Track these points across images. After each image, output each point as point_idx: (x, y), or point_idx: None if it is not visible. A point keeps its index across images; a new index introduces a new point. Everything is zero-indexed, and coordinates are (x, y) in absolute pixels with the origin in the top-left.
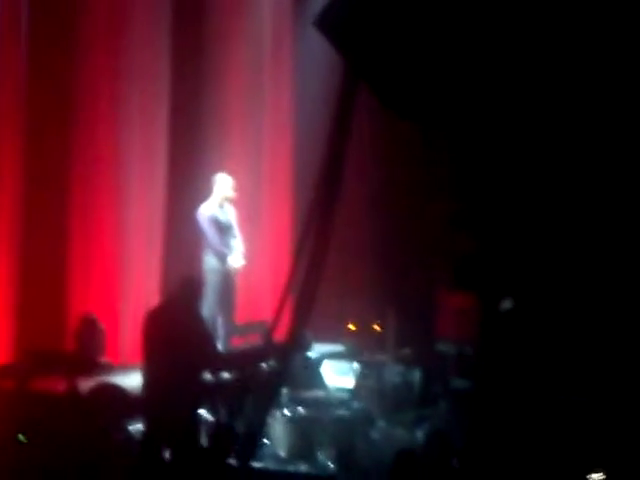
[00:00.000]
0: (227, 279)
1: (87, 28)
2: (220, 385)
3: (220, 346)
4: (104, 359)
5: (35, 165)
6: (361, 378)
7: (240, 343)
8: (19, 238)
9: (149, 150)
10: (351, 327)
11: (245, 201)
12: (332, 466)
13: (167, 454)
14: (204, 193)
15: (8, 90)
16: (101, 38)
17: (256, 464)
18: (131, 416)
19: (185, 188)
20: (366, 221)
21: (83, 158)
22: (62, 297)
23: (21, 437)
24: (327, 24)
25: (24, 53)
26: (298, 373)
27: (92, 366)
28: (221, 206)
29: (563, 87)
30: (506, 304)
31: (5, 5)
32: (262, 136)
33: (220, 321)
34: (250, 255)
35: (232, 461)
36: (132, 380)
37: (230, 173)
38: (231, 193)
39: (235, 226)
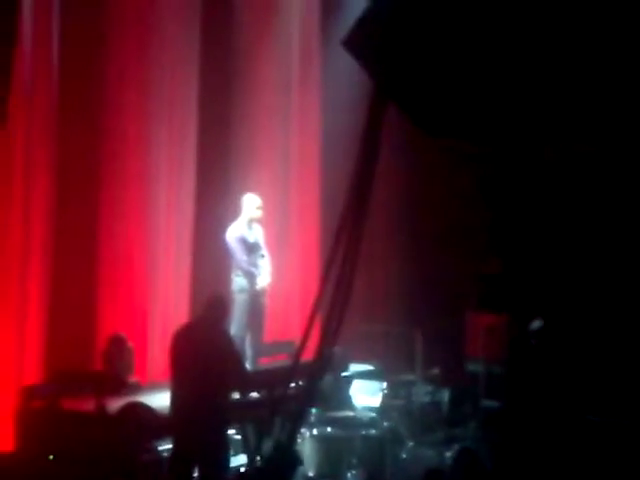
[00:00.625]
0: (255, 299)
1: (116, 37)
2: (249, 405)
3: (248, 366)
4: (133, 378)
5: (65, 187)
6: (390, 398)
7: (268, 362)
8: (49, 258)
9: (178, 170)
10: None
11: (273, 220)
12: None
13: (195, 474)
14: (232, 213)
15: (40, 102)
16: (130, 49)
17: None
18: (159, 435)
19: (213, 208)
20: (394, 241)
21: (112, 177)
22: (91, 317)
23: (51, 457)
24: (355, 43)
25: (55, 57)
26: (327, 393)
27: (121, 385)
28: (249, 226)
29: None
30: (536, 324)
31: (37, 8)
32: (290, 156)
33: (248, 341)
34: (278, 274)
35: None
36: (160, 399)
37: (258, 193)
38: (259, 213)
39: (263, 246)
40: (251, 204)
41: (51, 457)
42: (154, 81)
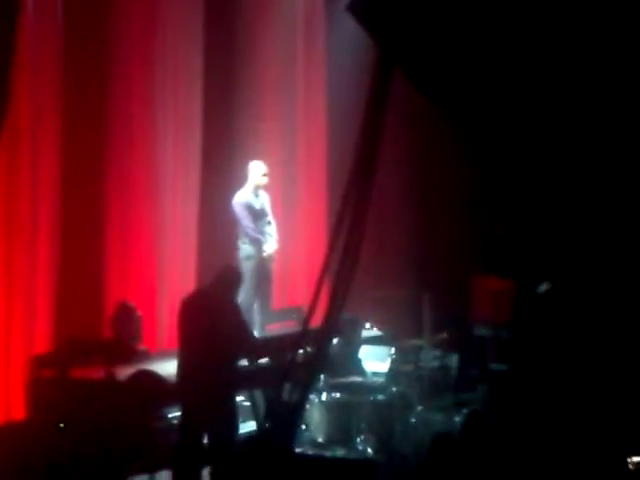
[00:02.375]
0: (263, 266)
1: (121, 24)
2: (257, 372)
3: (256, 332)
4: (141, 346)
5: (72, 160)
6: (398, 363)
7: (276, 329)
8: (57, 229)
9: (183, 140)
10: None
11: (280, 187)
12: (370, 451)
13: (204, 440)
14: (238, 181)
15: (45, 88)
16: (135, 33)
17: (294, 449)
18: (169, 403)
19: (219, 177)
20: (401, 205)
21: (118, 149)
22: (100, 286)
23: (61, 425)
24: (360, 8)
25: (60, 50)
26: (336, 358)
27: (130, 354)
28: (255, 193)
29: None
30: (543, 286)
31: (41, 10)
32: (296, 123)
33: (256, 307)
34: (285, 241)
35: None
36: (170, 367)
37: (264, 160)
38: (264, 180)
39: (270, 212)
40: (257, 171)
41: (61, 425)
42: (158, 61)
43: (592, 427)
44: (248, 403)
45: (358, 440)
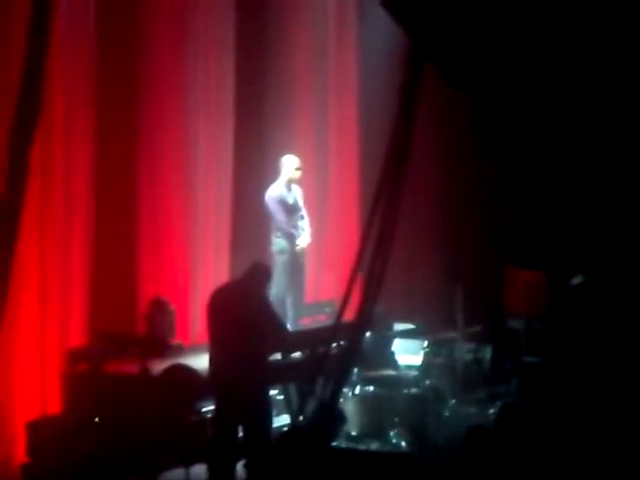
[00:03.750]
0: (296, 259)
1: (153, 20)
2: (291, 365)
3: (289, 326)
4: (175, 341)
5: (105, 158)
6: (431, 356)
7: (309, 323)
8: (91, 225)
9: (216, 134)
10: None
11: (312, 181)
12: (404, 444)
13: (239, 434)
14: (271, 175)
15: (78, 85)
16: (167, 25)
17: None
18: (203, 397)
19: (252, 170)
20: (434, 199)
21: (151, 144)
22: (133, 281)
23: (96, 419)
24: (393, 2)
25: (94, 50)
26: (369, 352)
27: (164, 348)
28: (288, 187)
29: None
30: (576, 279)
31: (74, 7)
32: (328, 116)
33: (289, 301)
34: (318, 234)
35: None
36: (203, 361)
37: (296, 153)
38: (297, 174)
39: (302, 206)
40: (290, 165)
41: (96, 419)
42: (190, 56)
43: (625, 419)
44: (282, 397)
45: (392, 433)
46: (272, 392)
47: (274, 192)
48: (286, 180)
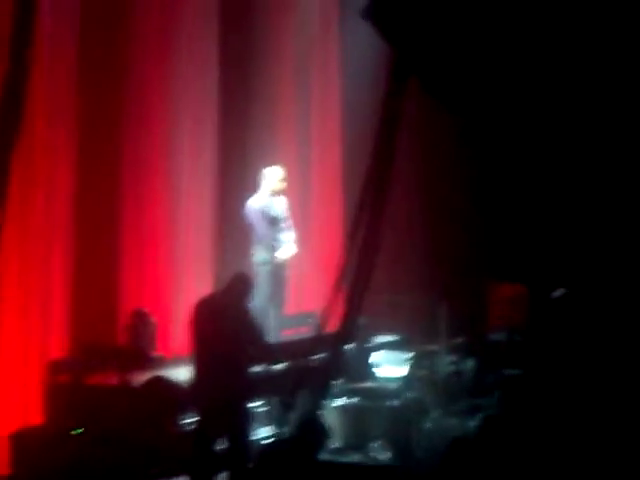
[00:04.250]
0: (277, 271)
1: (136, 23)
2: (273, 377)
3: (271, 338)
4: (156, 353)
5: (87, 165)
6: (414, 368)
7: (291, 334)
8: (72, 236)
9: (199, 145)
10: None
11: (295, 191)
12: (386, 456)
13: (220, 446)
14: (254, 186)
15: (60, 87)
16: (150, 34)
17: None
18: (184, 409)
19: (235, 182)
20: (417, 211)
21: (134, 155)
22: (115, 292)
23: (77, 430)
24: (375, 14)
25: (77, 58)
26: (351, 364)
27: (145, 360)
28: (271, 199)
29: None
30: (557, 292)
31: (58, 8)
32: (311, 126)
33: (271, 312)
34: (301, 245)
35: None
36: (184, 373)
37: (280, 164)
38: (281, 185)
39: (286, 217)
40: (274, 176)
41: (77, 431)
42: (174, 63)
43: (607, 431)
44: (264, 408)
45: (374, 445)
46: (254, 404)
47: (255, 203)
48: (270, 191)
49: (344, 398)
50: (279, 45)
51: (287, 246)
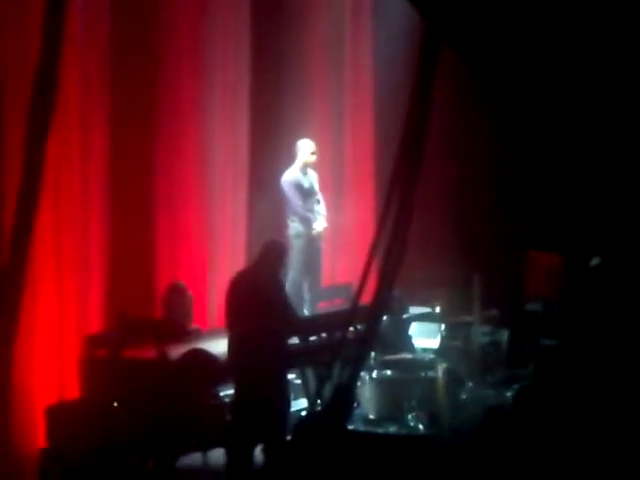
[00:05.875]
0: (312, 244)
1: (169, 8)
2: (308, 349)
3: (306, 310)
4: (193, 325)
5: (121, 142)
6: (448, 339)
7: (327, 307)
8: (108, 210)
9: (232, 118)
10: None
11: (328, 165)
12: (421, 427)
13: (257, 418)
14: (287, 159)
15: (94, 72)
16: (183, 16)
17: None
18: (221, 381)
19: (268, 155)
20: (450, 182)
21: (168, 133)
22: (151, 266)
23: (114, 404)
24: None
25: (110, 44)
26: (386, 335)
27: (182, 333)
28: (304, 172)
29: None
30: (594, 261)
31: (89, 8)
32: (344, 101)
33: (306, 285)
34: (335, 218)
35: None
36: (221, 346)
37: (312, 138)
38: (313, 158)
39: (318, 191)
40: (305, 149)
41: (115, 404)
42: (206, 46)
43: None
44: (299, 381)
45: (409, 416)
46: (290, 376)
47: (289, 176)
48: (302, 164)
49: (380, 370)
50: (312, 19)
51: (320, 219)
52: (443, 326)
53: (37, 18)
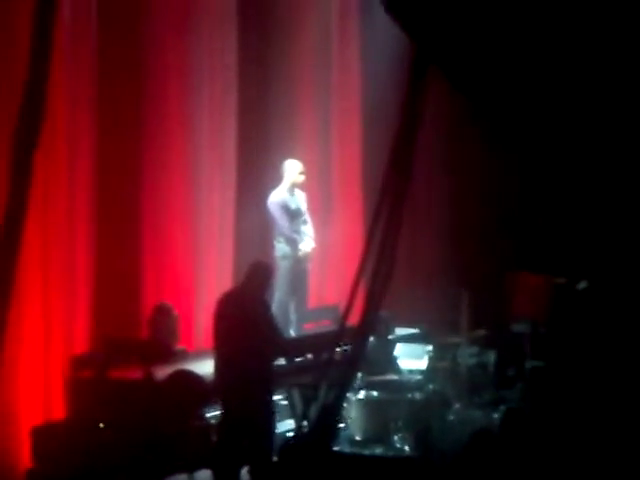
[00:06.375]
0: (298, 265)
1: (155, 22)
2: (294, 371)
3: (293, 332)
4: (179, 346)
5: (108, 161)
6: (435, 360)
7: (313, 328)
8: (94, 231)
9: (219, 140)
10: None
11: (316, 185)
12: (408, 449)
13: (243, 440)
14: (274, 180)
15: (81, 86)
16: (170, 30)
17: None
18: (207, 402)
19: (255, 176)
20: (438, 202)
21: (154, 150)
22: (137, 286)
23: (101, 425)
24: (396, 6)
25: (95, 49)
26: (372, 357)
27: (168, 353)
28: (291, 192)
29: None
30: (581, 284)
31: (77, 22)
32: (330, 121)
33: (292, 306)
34: (322, 239)
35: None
36: (207, 367)
37: (300, 159)
38: (300, 178)
39: (305, 211)
40: (293, 170)
41: (100, 425)
42: (193, 60)
43: (629, 423)
44: (286, 402)
45: (396, 438)
46: (276, 397)
47: (276, 197)
48: (289, 185)
49: (366, 391)
50: (298, 35)
51: (307, 240)
52: (430, 347)
53: (24, 31)
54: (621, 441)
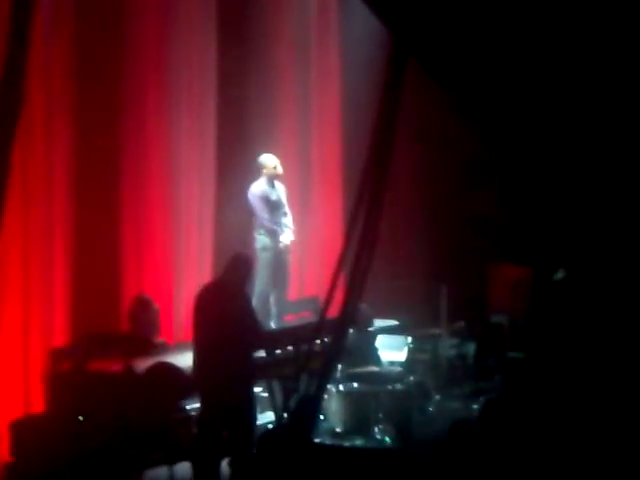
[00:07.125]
0: (279, 256)
1: (135, 20)
2: (275, 362)
3: (273, 323)
4: (159, 339)
5: (87, 156)
6: (415, 352)
7: (293, 320)
8: (74, 223)
9: (198, 135)
10: None
11: (295, 177)
12: (388, 440)
13: (223, 432)
14: (254, 173)
15: (60, 82)
16: (149, 27)
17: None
18: (187, 395)
19: (235, 169)
20: (416, 197)
21: (133, 144)
22: (117, 279)
23: (80, 418)
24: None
25: (73, 45)
26: (353, 349)
27: (147, 346)
28: (271, 184)
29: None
30: (559, 274)
31: (55, 17)
32: (310, 112)
33: (273, 298)
34: (302, 231)
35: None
36: (187, 359)
37: (279, 152)
38: (277, 171)
39: (285, 203)
40: (268, 164)
41: (80, 418)
42: (172, 57)
43: (609, 414)
44: (266, 394)
45: (376, 429)
46: (256, 389)
47: (257, 189)
48: (268, 177)
49: (346, 383)
50: (277, 35)
51: (287, 232)
52: (410, 339)
53: (2, 25)
54: (601, 431)
